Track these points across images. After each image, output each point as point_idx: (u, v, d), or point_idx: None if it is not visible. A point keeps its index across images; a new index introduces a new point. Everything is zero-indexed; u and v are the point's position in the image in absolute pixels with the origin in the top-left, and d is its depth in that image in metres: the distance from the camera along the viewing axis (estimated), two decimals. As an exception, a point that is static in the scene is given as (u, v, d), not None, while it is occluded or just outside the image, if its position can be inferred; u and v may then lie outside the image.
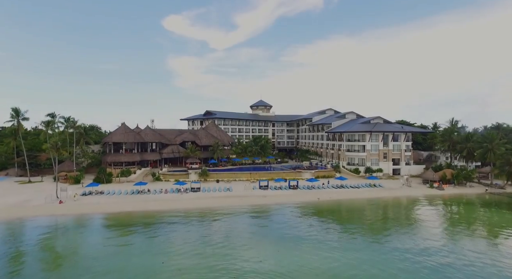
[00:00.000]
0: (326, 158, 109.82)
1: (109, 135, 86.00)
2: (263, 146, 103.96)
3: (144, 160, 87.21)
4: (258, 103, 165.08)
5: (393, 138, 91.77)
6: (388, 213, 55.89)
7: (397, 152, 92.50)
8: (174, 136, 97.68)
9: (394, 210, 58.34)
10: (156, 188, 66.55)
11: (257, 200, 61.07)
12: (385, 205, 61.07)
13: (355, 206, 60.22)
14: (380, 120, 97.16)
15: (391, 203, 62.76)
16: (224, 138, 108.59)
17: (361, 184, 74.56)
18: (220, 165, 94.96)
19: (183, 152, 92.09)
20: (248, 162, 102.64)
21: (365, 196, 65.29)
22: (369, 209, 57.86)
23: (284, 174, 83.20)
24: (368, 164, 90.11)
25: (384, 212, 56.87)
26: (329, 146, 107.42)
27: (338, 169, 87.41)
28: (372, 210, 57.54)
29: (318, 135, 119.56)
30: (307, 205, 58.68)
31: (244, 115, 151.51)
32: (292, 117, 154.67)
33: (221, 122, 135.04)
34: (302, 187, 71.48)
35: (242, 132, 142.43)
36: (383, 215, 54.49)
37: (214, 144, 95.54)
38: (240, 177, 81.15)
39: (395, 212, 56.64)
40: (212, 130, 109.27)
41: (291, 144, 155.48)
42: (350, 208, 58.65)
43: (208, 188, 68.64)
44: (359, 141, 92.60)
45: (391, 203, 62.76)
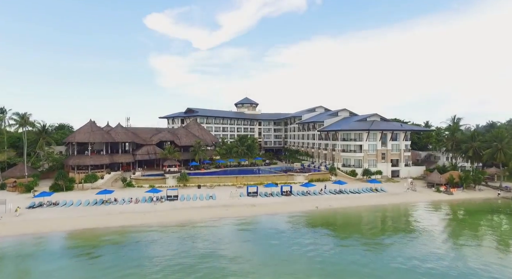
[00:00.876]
0: (318, 159, 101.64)
1: (72, 134, 74.36)
2: (250, 146, 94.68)
3: (115, 162, 76.11)
4: (243, 100, 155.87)
5: (392, 137, 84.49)
6: (399, 224, 47.58)
7: (396, 152, 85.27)
8: (151, 135, 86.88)
9: (405, 221, 50.22)
10: (125, 197, 55.96)
11: (245, 210, 51.70)
12: (393, 215, 53.04)
13: (360, 216, 51.92)
14: (377, 118, 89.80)
15: (399, 211, 54.83)
16: (207, 137, 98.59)
17: (361, 189, 66.45)
18: (202, 168, 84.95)
19: (160, 154, 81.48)
20: (234, 164, 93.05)
21: (368, 203, 57.09)
22: (377, 220, 49.67)
23: (274, 178, 74.11)
24: (366, 165, 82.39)
25: (394, 223, 48.69)
26: (322, 146, 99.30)
27: (334, 171, 79.23)
28: (381, 221, 49.37)
29: (308, 135, 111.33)
30: (304, 216, 49.88)
31: (228, 113, 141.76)
32: (279, 115, 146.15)
33: (203, 120, 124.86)
34: (296, 193, 62.65)
35: (227, 131, 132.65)
36: (394, 227, 46.14)
37: (195, 144, 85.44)
38: (225, 182, 71.52)
39: (406, 224, 48.40)
40: (194, 129, 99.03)
41: (279, 144, 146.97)
42: (354, 219, 50.19)
43: (188, 195, 58.66)
44: (355, 140, 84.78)
45: (399, 211, 54.83)
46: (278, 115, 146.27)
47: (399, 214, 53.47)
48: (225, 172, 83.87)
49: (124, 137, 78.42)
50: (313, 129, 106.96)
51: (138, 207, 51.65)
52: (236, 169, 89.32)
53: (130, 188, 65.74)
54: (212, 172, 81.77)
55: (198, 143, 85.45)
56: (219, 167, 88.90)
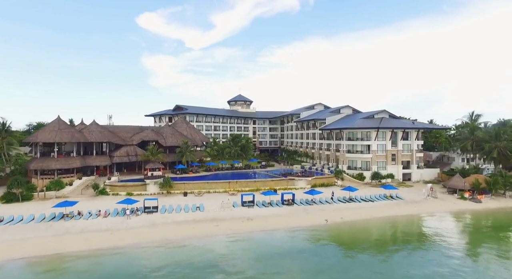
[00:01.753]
0: (319, 161, 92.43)
1: (34, 133, 63.59)
2: (244, 146, 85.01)
3: (88, 166, 65.61)
4: (236, 98, 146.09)
5: (403, 136, 75.65)
6: (432, 246, 38.25)
7: (407, 153, 76.45)
8: (132, 134, 76.48)
9: (439, 242, 40.82)
10: (93, 209, 45.71)
11: (240, 225, 41.98)
12: (419, 230, 43.67)
13: (381, 232, 42.66)
14: (386, 115, 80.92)
15: (425, 225, 45.68)
16: (196, 137, 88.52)
17: (374, 196, 57.29)
18: (190, 171, 74.94)
19: (141, 155, 71.21)
20: (226, 167, 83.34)
21: (385, 214, 47.90)
22: (401, 238, 40.31)
23: (272, 183, 64.51)
24: (374, 168, 73.40)
25: (423, 243, 39.29)
26: (324, 146, 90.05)
27: (340, 175, 69.89)
28: (407, 239, 39.97)
29: (308, 134, 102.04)
30: (312, 232, 40.50)
31: (220, 111, 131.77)
32: (275, 113, 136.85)
33: (193, 118, 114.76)
34: (299, 202, 53.16)
35: (219, 130, 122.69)
36: (425, 249, 36.86)
37: (182, 144, 75.36)
38: (216, 188, 61.66)
39: (442, 245, 39.11)
40: (182, 127, 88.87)
41: (275, 144, 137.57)
42: (374, 237, 40.90)
43: (170, 206, 48.66)
44: (362, 140, 75.70)
45: (425, 225, 45.68)
46: (274, 113, 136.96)
47: (427, 230, 44.20)
48: (216, 176, 74.02)
49: (99, 137, 67.90)
50: (313, 127, 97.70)
51: (107, 222, 41.48)
52: (229, 172, 79.56)
53: (104, 196, 55.48)
54: (201, 176, 71.84)
55: (185, 144, 75.39)
56: (209, 170, 78.99)
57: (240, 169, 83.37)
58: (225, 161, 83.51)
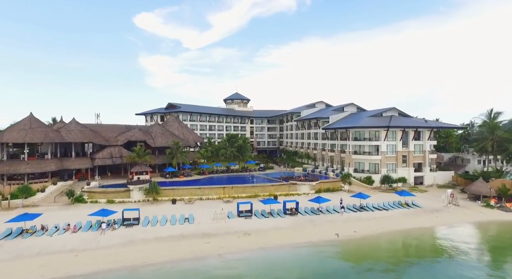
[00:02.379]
0: (322, 163, 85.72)
1: (1, 133, 56.24)
2: (241, 147, 78.10)
3: (66, 169, 58.49)
4: (233, 96, 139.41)
5: (415, 136, 69.08)
6: (467, 270, 31.52)
7: (419, 155, 69.86)
8: (117, 134, 69.34)
9: (478, 259, 34.14)
10: (60, 222, 38.54)
11: (235, 242, 35.14)
12: (451, 249, 36.74)
13: (405, 250, 35.95)
14: (395, 112, 74.32)
15: (457, 240, 38.79)
16: (189, 137, 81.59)
17: (388, 204, 50.60)
18: (181, 175, 67.96)
19: (127, 157, 64.14)
20: (221, 170, 76.41)
21: (405, 226, 41.14)
22: (432, 257, 33.48)
23: (272, 188, 57.71)
24: (384, 170, 66.78)
25: (456, 264, 32.54)
26: (327, 147, 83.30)
27: (348, 179, 63.04)
28: (438, 259, 33.15)
29: (309, 133, 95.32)
30: (322, 251, 33.77)
31: (216, 109, 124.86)
32: (274, 112, 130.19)
33: (187, 117, 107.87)
34: (304, 212, 46.33)
35: (214, 130, 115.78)
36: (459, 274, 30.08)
37: (172, 145, 68.40)
38: (209, 194, 54.75)
39: (489, 269, 32.43)
40: (173, 126, 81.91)
41: (273, 144, 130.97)
42: (399, 257, 34.04)
43: (154, 217, 41.67)
44: (370, 140, 69.04)
45: (457, 240, 38.79)
46: (272, 112, 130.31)
47: (458, 247, 37.41)
48: (210, 180, 67.20)
49: (79, 137, 60.69)
50: (315, 127, 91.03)
51: (74, 239, 34.41)
52: (224, 175, 72.70)
53: (80, 205, 48.44)
54: (193, 181, 64.87)
55: (176, 144, 68.39)
56: (203, 173, 72.01)
57: (236, 172, 76.48)
58: (220, 164, 76.59)
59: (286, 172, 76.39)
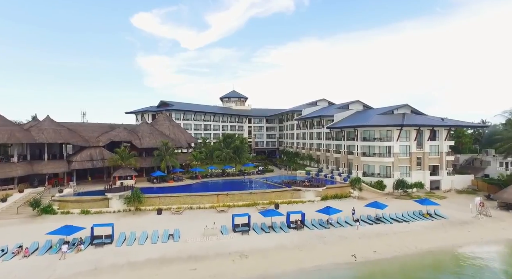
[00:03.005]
0: (326, 165, 78.80)
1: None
2: (238, 148, 71.05)
3: (37, 174, 51.23)
4: (230, 94, 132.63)
5: (430, 136, 62.29)
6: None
7: (435, 156, 63.08)
8: (99, 134, 62.09)
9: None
10: (10, 243, 31.13)
11: (229, 267, 28.09)
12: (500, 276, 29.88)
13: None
14: (407, 110, 67.53)
15: (503, 262, 31.91)
16: (180, 137, 74.45)
17: (408, 214, 43.68)
18: (171, 179, 60.77)
19: (109, 160, 56.96)
20: (216, 173, 69.37)
21: (434, 244, 34.10)
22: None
23: (273, 196, 50.71)
24: (396, 174, 59.98)
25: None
26: (332, 148, 76.33)
27: (358, 184, 55.99)
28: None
29: (312, 133, 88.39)
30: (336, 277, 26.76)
31: (212, 108, 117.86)
32: (273, 111, 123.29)
33: (180, 116, 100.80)
34: (311, 224, 39.39)
35: (210, 129, 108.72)
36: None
37: (161, 146, 61.31)
38: (201, 202, 47.69)
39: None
40: (163, 125, 74.73)
41: (272, 145, 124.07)
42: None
43: (133, 233, 34.46)
44: (381, 140, 62.19)
45: (503, 262, 31.91)
46: (272, 111, 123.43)
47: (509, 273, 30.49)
48: (203, 185, 60.27)
49: (52, 136, 53.37)
50: (318, 126, 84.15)
51: (22, 267, 27.16)
52: (219, 180, 65.65)
53: (48, 216, 41.27)
54: (184, 186, 57.79)
55: (165, 145, 61.27)
56: (195, 177, 64.87)
57: (233, 175, 69.39)
58: (214, 166, 69.48)
59: (288, 176, 69.49)
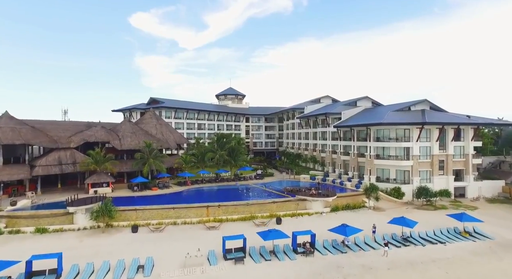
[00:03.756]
0: (333, 168, 70.53)
1: None
2: (233, 149, 62.60)
3: (-10, 181, 42.65)
4: (226, 91, 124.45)
5: (455, 135, 54.16)
6: None
7: (459, 159, 54.94)
8: (71, 133, 53.59)
9: None
10: None
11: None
12: None
13: None
14: (426, 106, 59.32)
15: None
16: (169, 137, 66.07)
17: (441, 233, 35.37)
18: (155, 186, 52.27)
19: (81, 164, 48.47)
20: (209, 178, 60.97)
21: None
22: None
23: (274, 207, 42.40)
24: (416, 180, 51.80)
25: None
26: (339, 149, 67.99)
27: (374, 193, 47.39)
28: None
29: (316, 133, 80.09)
30: None
31: (207, 105, 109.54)
32: (272, 109, 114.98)
33: (171, 114, 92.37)
34: (323, 247, 31.01)
35: (204, 129, 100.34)
36: None
37: (144, 147, 52.91)
38: (187, 216, 39.43)
39: None
40: (149, 124, 66.36)
41: (272, 145, 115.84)
42: None
43: (89, 265, 25.88)
44: (397, 140, 53.97)
45: None
46: (271, 109, 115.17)
47: None
48: (193, 193, 51.97)
49: (10, 136, 44.82)
50: (323, 124, 75.88)
51: None
52: (212, 186, 57.20)
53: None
54: (170, 195, 49.40)
55: (148, 146, 52.86)
56: (184, 183, 56.37)
57: (227, 180, 60.95)
58: (206, 171, 60.95)
59: (290, 181, 61.24)
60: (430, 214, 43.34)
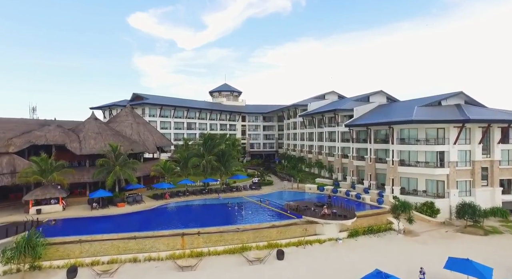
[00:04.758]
0: (343, 175, 59.34)
1: None
2: (224, 153, 51.11)
3: None
4: (221, 87, 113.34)
5: (502, 137, 43.05)
6: None
7: (508, 166, 43.76)
8: (15, 134, 42.21)
9: None
10: None
11: None
12: None
13: None
14: (461, 100, 47.92)
15: None
16: (147, 138, 54.83)
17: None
18: (122, 202, 40.83)
19: (20, 174, 37.08)
20: (193, 189, 49.56)
21: None
22: None
23: (275, 233, 31.18)
24: (453, 192, 40.64)
25: None
26: (352, 152, 56.67)
27: (407, 212, 35.93)
28: None
29: (322, 133, 68.83)
30: None
31: (197, 102, 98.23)
32: (271, 107, 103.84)
33: (156, 112, 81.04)
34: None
35: (194, 128, 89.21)
36: None
37: (108, 152, 41.60)
38: (152, 249, 28.19)
39: None
40: (124, 123, 55.21)
41: (270, 147, 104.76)
42: None
43: None
44: (428, 142, 42.81)
45: None
46: (270, 107, 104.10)
47: None
48: (174, 211, 40.56)
49: None
50: (331, 123, 64.76)
51: None
52: (197, 200, 45.68)
53: None
54: (139, 214, 38.02)
55: (114, 150, 41.54)
56: (161, 197, 44.93)
57: (217, 192, 49.55)
58: (189, 181, 49.39)
59: (293, 192, 50.09)
60: (483, 242, 32.29)
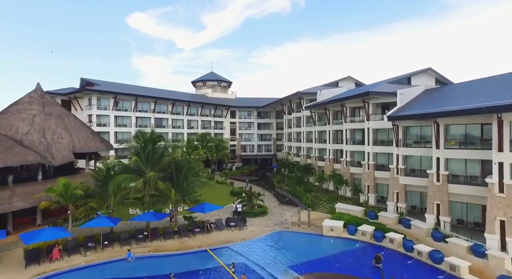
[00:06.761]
0: (376, 196, 37.64)
1: None
2: (179, 168, 29.30)
3: None
4: (206, 76, 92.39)
5: None
6: None
7: None
8: None
9: None
10: None
11: None
12: None
13: None
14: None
15: None
16: (58, 140, 33.02)
17: None
18: None
19: None
20: (116, 236, 27.46)
21: None
22: None
23: None
24: None
25: None
26: (398, 162, 34.61)
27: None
28: None
29: (340, 132, 47.14)
30: None
31: (171, 93, 76.57)
32: (268, 100, 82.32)
33: (109, 103, 59.33)
34: None
35: (166, 127, 67.38)
36: None
37: None
38: None
39: None
40: (23, 114, 33.60)
41: (267, 149, 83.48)
42: None
43: None
44: None
45: None
46: (267, 100, 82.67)
47: None
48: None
49: None
50: (354, 116, 43.15)
51: None
52: (103, 263, 23.61)
53: None
54: None
55: None
56: (46, 255, 23.01)
57: (165, 235, 27.74)
58: (113, 217, 27.42)
59: (301, 233, 28.37)
60: None
